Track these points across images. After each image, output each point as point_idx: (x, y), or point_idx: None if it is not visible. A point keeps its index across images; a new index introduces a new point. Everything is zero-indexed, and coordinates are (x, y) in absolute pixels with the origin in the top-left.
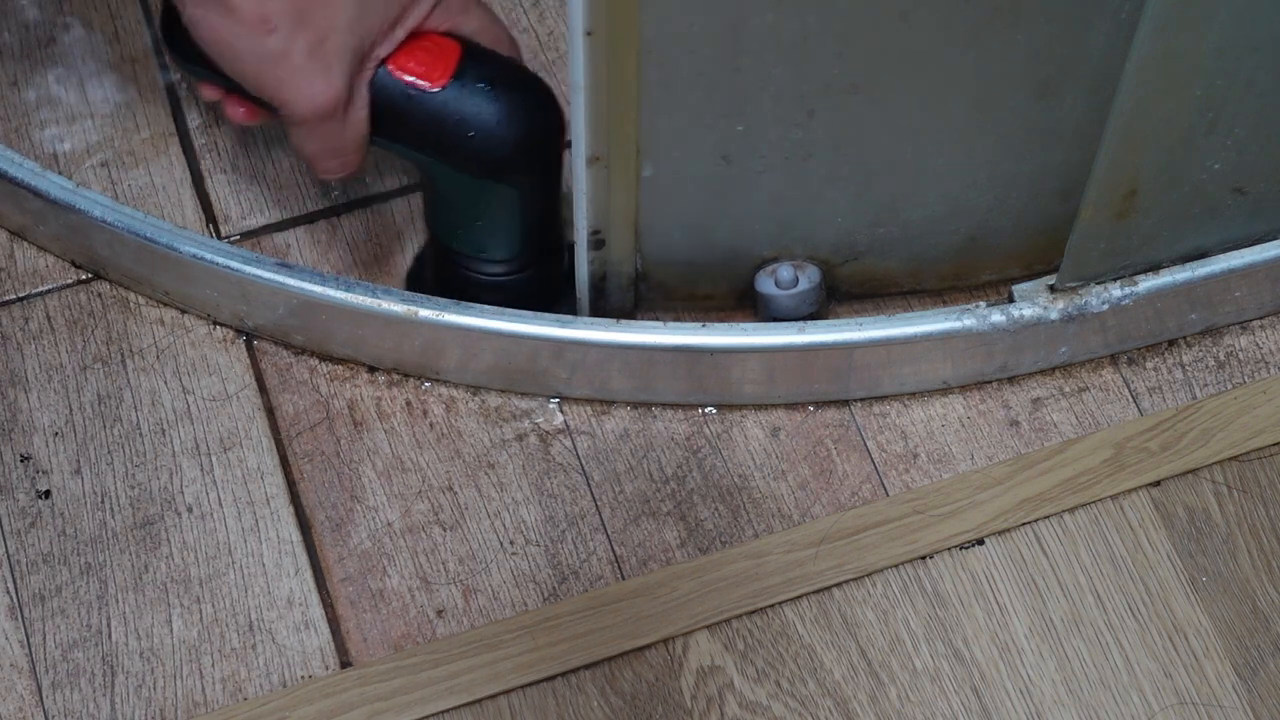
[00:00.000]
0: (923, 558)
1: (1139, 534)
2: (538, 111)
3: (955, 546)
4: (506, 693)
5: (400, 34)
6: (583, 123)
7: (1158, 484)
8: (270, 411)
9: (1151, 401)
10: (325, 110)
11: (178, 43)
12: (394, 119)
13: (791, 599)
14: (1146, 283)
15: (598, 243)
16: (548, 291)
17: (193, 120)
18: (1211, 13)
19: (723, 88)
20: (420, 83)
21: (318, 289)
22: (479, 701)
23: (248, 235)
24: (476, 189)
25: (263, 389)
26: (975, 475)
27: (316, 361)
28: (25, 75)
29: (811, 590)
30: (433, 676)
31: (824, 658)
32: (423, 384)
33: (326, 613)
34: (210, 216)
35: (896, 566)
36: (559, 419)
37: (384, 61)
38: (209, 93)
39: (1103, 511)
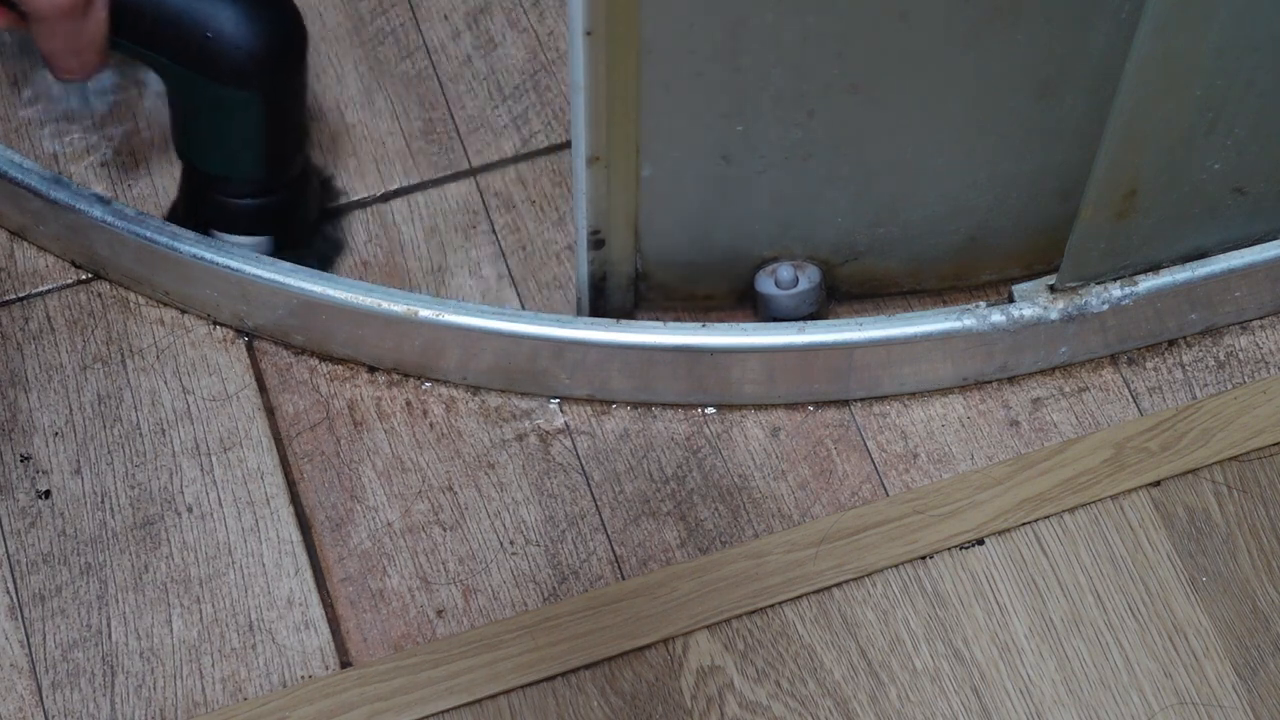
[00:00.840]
0: (923, 558)
1: (1139, 534)
2: (277, 18)
3: (955, 546)
4: (506, 693)
5: None
6: (583, 123)
7: (1158, 484)
8: (270, 411)
9: (1151, 401)
10: (65, 6)
11: None
12: (134, 17)
13: (791, 599)
14: (1146, 283)
15: (598, 243)
16: (293, 226)
17: None
18: (1211, 13)
19: (723, 88)
20: None
21: (318, 289)
22: (479, 701)
23: None
24: (216, 97)
25: (263, 389)
26: (975, 475)
27: (316, 361)
28: (25, 75)
29: (811, 590)
30: (433, 676)
31: (824, 658)
32: (423, 384)
33: (326, 613)
34: None
35: (896, 566)
36: (559, 419)
37: None
38: None
39: (1103, 511)
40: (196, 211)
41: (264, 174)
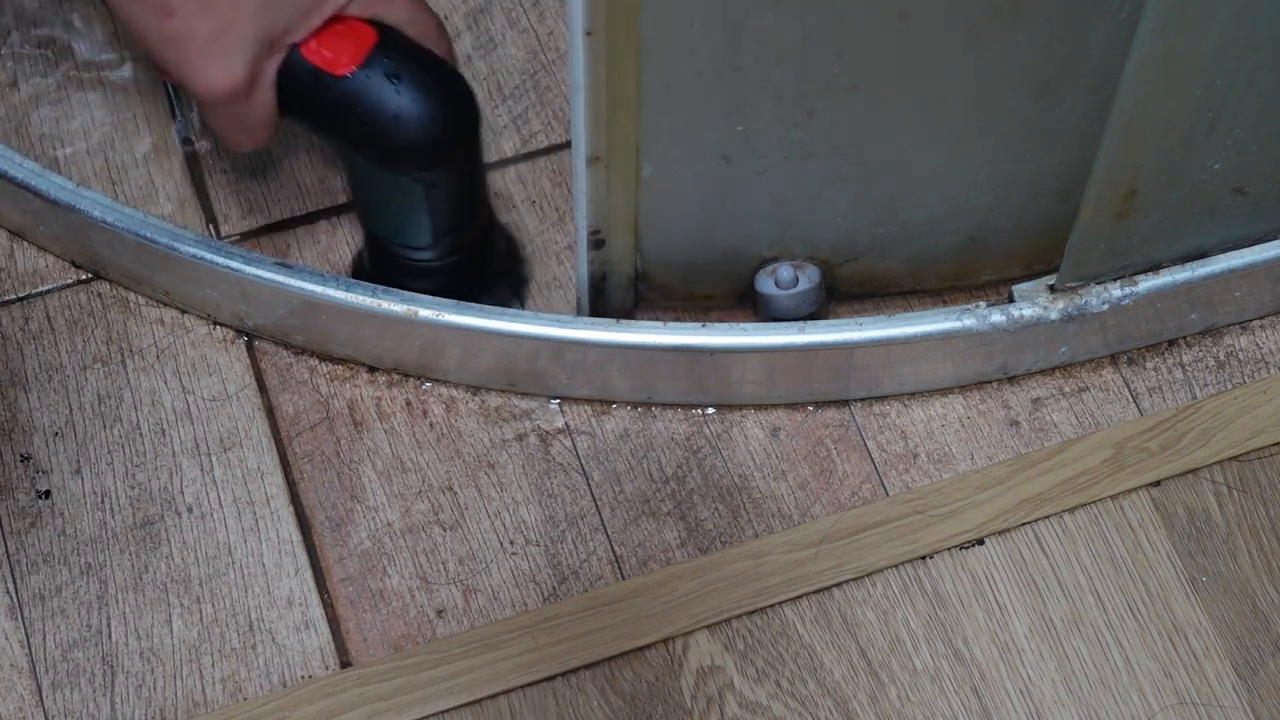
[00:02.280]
0: (923, 558)
1: (1139, 534)
2: (443, 110)
3: (955, 546)
4: (506, 693)
5: (316, 20)
6: (583, 123)
7: (1158, 484)
8: (270, 411)
9: (1151, 401)
10: (223, 95)
11: None
12: (302, 101)
13: (791, 599)
14: (1146, 283)
15: (597, 243)
16: (476, 280)
17: (193, 120)
18: (1211, 13)
19: (723, 88)
20: (326, 68)
21: (318, 289)
22: (479, 701)
23: (248, 235)
24: (383, 178)
25: (263, 389)
26: (975, 475)
27: (316, 361)
28: (25, 75)
29: (811, 590)
30: (433, 676)
31: (824, 658)
32: (423, 384)
33: (326, 613)
34: (210, 216)
35: (896, 566)
36: (559, 419)
37: (297, 44)
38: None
39: (1103, 511)
40: (374, 263)
41: (431, 243)
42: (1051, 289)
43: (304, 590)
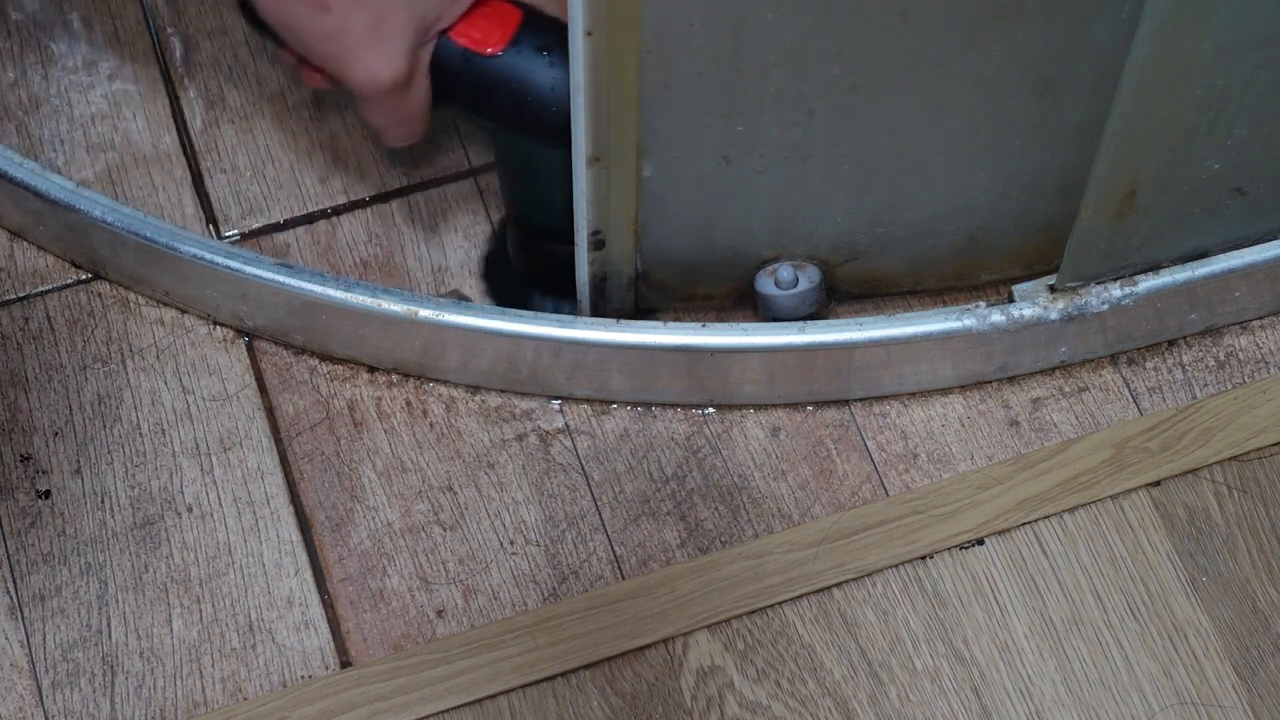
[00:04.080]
0: (923, 558)
1: (1139, 534)
2: None
3: (955, 546)
4: (506, 693)
5: (464, 4)
6: (583, 123)
7: (1158, 484)
8: (270, 411)
9: (1151, 401)
10: (385, 86)
11: (251, 10)
12: (454, 85)
13: (791, 599)
14: (1146, 283)
15: (598, 243)
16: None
17: (193, 120)
18: (1211, 13)
19: (723, 88)
20: (477, 49)
21: (318, 289)
22: (479, 701)
23: (248, 235)
24: (540, 157)
25: (263, 389)
26: (975, 475)
27: (316, 361)
28: (25, 74)
29: (811, 590)
30: (433, 676)
31: (824, 658)
32: (423, 384)
33: (326, 613)
34: (210, 216)
35: (896, 566)
36: (559, 419)
37: (445, 30)
38: (286, 57)
39: (1103, 511)
40: (526, 261)
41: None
42: (1051, 289)
43: (304, 590)
